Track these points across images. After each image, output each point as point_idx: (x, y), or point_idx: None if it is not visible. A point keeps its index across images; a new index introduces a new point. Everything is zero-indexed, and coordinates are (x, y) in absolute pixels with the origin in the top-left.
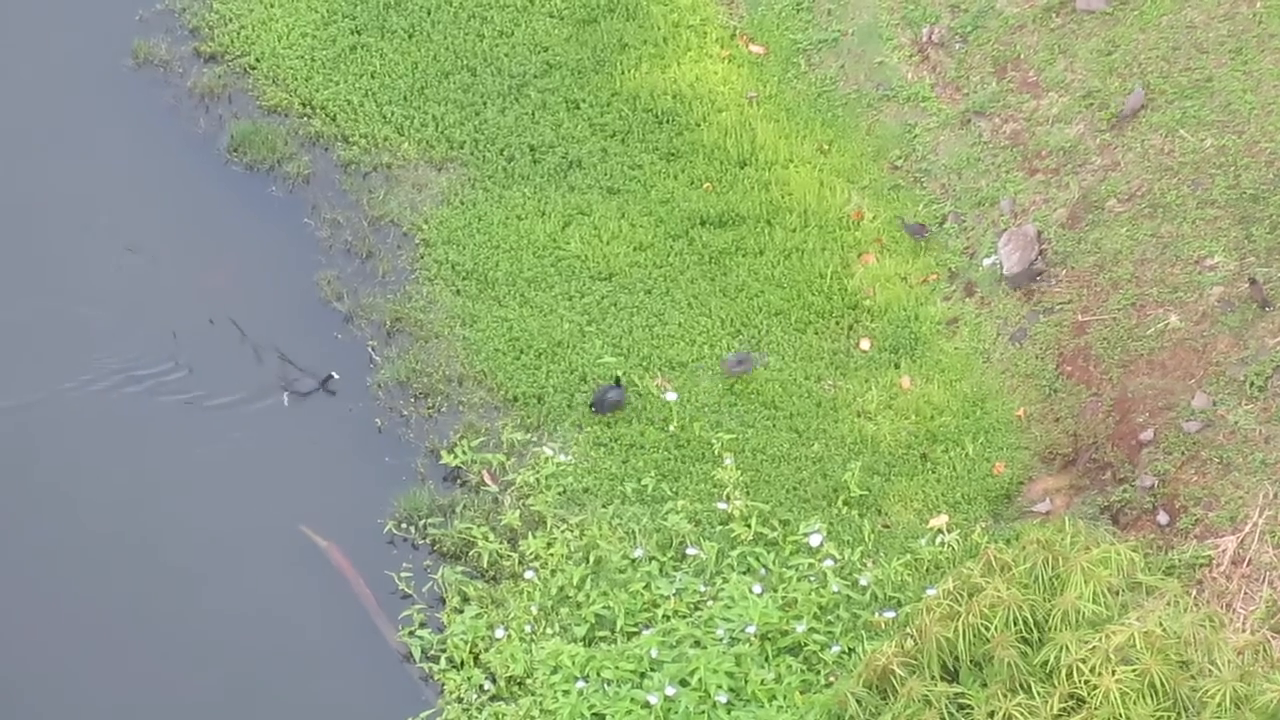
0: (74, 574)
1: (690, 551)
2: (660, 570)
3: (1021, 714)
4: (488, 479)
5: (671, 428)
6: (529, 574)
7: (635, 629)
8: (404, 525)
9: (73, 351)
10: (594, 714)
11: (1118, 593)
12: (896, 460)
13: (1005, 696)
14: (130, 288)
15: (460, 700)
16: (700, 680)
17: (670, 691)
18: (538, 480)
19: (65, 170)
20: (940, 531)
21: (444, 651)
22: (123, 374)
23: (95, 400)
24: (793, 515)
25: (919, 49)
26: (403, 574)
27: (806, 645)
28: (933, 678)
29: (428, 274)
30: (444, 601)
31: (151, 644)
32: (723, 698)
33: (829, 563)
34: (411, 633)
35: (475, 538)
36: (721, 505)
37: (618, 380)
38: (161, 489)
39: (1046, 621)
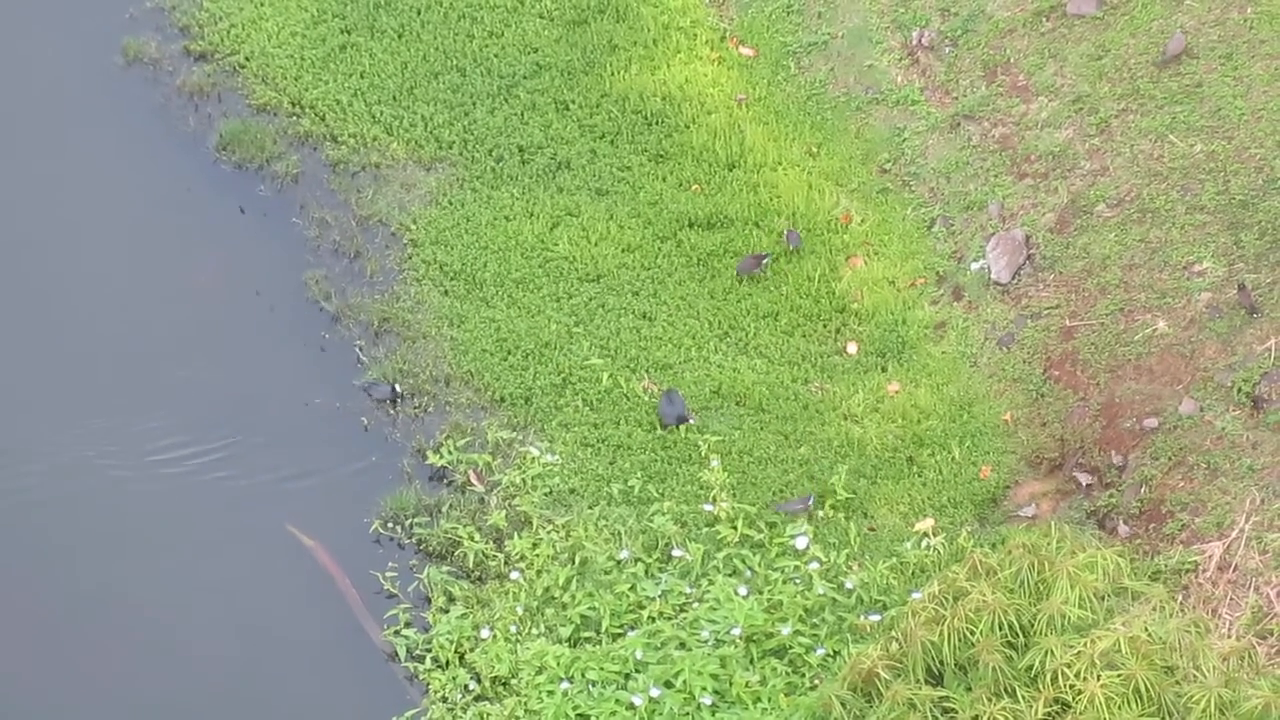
0: (57, 572)
1: (676, 553)
2: (646, 572)
3: (1006, 718)
4: (474, 479)
5: (658, 429)
6: (514, 574)
7: (620, 630)
8: (390, 525)
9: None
10: (578, 715)
11: (1103, 598)
12: (883, 464)
13: (990, 701)
14: (116, 292)
15: (445, 700)
16: (685, 682)
17: (655, 693)
18: (524, 481)
19: (53, 169)
20: (926, 535)
21: (429, 651)
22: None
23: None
24: (779, 518)
25: (909, 52)
26: (388, 574)
27: (791, 648)
28: (917, 681)
29: (415, 274)
30: (429, 601)
31: (135, 643)
32: (707, 699)
33: (814, 565)
34: (397, 632)
35: (461, 538)
36: (708, 507)
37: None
38: (144, 487)
39: (1032, 626)
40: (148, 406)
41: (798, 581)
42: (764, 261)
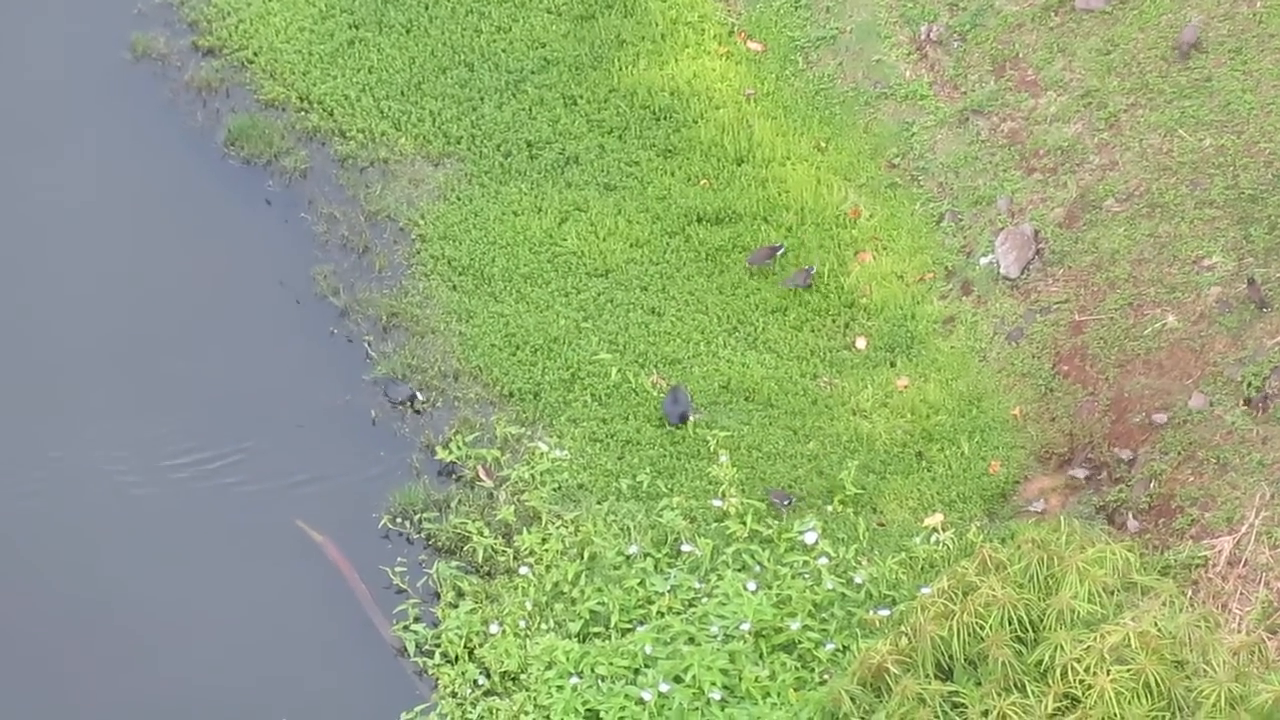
0: (66, 566)
1: (685, 548)
2: (655, 567)
3: (1016, 713)
4: (483, 474)
5: (667, 425)
6: (524, 570)
7: (629, 625)
8: (399, 520)
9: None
10: (588, 710)
11: (1113, 592)
12: (892, 458)
13: (1000, 695)
14: (123, 287)
15: (455, 695)
16: (694, 677)
17: (664, 688)
18: (533, 476)
19: (61, 164)
20: (935, 530)
21: (438, 646)
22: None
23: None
24: (788, 512)
25: (917, 47)
26: (397, 569)
27: (801, 643)
28: (927, 676)
29: (424, 269)
30: (439, 596)
31: (145, 637)
32: (716, 695)
33: (824, 560)
34: (406, 627)
35: (470, 533)
36: (716, 502)
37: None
38: (152, 486)
39: (1041, 621)
40: (153, 402)
41: (807, 576)
42: (778, 253)
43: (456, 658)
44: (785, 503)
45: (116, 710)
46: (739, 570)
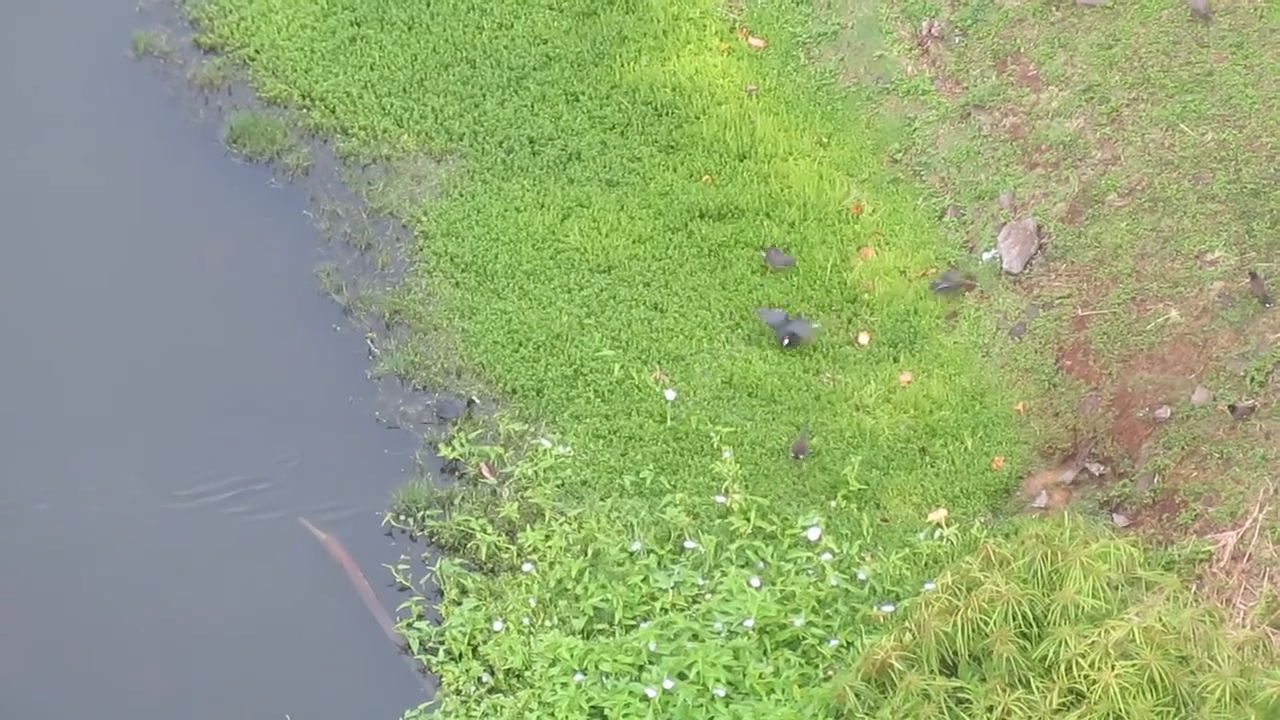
0: (68, 563)
1: (688, 545)
2: (658, 563)
3: (1020, 708)
4: (486, 471)
5: (670, 421)
6: (527, 566)
7: (633, 622)
8: (402, 517)
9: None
10: (592, 707)
11: (1117, 588)
12: (895, 454)
13: (1004, 691)
14: (125, 287)
15: (459, 692)
16: (698, 674)
17: (668, 685)
18: (536, 473)
19: (63, 163)
20: (939, 526)
21: (442, 644)
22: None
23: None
24: (791, 509)
25: (919, 42)
26: (400, 566)
27: (805, 639)
28: (931, 672)
29: (426, 266)
30: (442, 594)
31: (146, 635)
32: (720, 691)
33: (827, 556)
34: (410, 625)
35: (473, 530)
36: (720, 499)
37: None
38: (153, 486)
39: (1045, 616)
40: (154, 399)
41: (810, 573)
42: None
43: (460, 655)
44: (802, 454)
45: (118, 708)
46: (743, 566)
